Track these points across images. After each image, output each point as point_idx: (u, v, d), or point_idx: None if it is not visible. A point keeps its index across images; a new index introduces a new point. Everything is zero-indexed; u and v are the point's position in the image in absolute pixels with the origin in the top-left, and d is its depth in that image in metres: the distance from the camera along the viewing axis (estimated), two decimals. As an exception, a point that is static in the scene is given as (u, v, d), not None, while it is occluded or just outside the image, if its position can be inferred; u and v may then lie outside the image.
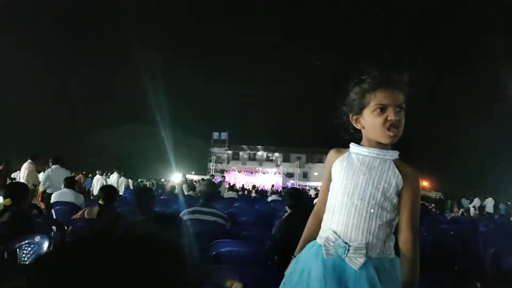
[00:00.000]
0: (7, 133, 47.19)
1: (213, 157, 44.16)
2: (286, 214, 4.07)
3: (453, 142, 55.45)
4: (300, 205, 4.22)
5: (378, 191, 1.66)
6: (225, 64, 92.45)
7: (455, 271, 3.51)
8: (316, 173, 53.63)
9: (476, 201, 19.76)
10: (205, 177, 31.63)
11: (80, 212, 4.13)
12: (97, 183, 14.41)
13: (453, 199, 21.09)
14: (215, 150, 56.00)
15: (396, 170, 1.69)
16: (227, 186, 13.99)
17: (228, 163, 51.72)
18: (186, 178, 16.95)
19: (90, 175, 18.43)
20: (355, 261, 1.62)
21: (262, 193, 17.06)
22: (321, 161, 56.34)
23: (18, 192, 3.42)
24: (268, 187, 38.89)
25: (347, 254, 1.64)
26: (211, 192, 4.09)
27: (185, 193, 12.97)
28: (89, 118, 54.49)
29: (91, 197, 12.49)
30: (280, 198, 12.38)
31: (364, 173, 1.71)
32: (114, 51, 76.92)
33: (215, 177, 14.69)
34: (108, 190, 4.15)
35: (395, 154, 1.73)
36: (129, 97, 65.16)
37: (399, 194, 1.67)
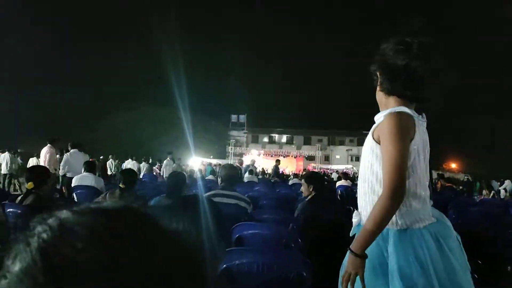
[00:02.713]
0: (23, 118, 48.33)
1: (232, 141, 44.42)
2: (309, 198, 4.08)
3: (483, 124, 54.11)
4: (322, 188, 4.23)
5: None
6: (244, 44, 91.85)
7: (485, 254, 3.48)
8: (338, 156, 53.39)
9: (507, 183, 19.34)
10: (223, 162, 31.69)
11: (102, 195, 4.23)
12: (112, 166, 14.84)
13: (482, 182, 20.69)
14: (234, 133, 56.18)
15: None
16: (247, 165, 13.93)
17: (247, 146, 51.95)
18: (179, 159, 16.80)
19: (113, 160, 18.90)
20: None
21: (283, 177, 17.11)
22: (342, 143, 56.00)
23: (40, 175, 3.52)
24: (288, 170, 39.06)
25: None
26: (232, 175, 4.12)
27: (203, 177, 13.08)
28: (107, 101, 55.20)
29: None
30: (300, 181, 12.37)
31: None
32: (133, 34, 77.33)
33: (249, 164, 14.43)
34: (128, 174, 4.24)
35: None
36: (147, 80, 65.70)
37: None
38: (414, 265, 1.65)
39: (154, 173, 16.60)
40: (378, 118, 1.87)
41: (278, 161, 15.47)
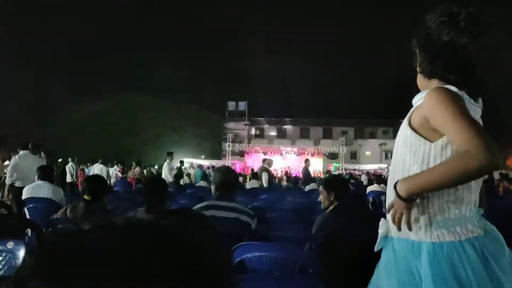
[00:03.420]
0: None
1: (229, 135, 44.44)
2: (330, 209, 4.08)
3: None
4: (347, 196, 4.23)
5: None
6: (243, 8, 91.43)
7: None
8: (368, 153, 53.49)
9: None
10: (219, 163, 31.80)
11: (61, 210, 4.23)
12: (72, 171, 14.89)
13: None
14: (231, 125, 56.45)
15: None
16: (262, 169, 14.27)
17: (249, 142, 52.00)
18: (181, 162, 17.15)
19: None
20: None
21: (297, 181, 17.08)
22: (374, 135, 56.16)
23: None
24: (300, 171, 39.07)
25: None
26: (230, 181, 4.12)
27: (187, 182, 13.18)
28: (64, 86, 55.29)
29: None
30: (318, 186, 12.38)
31: None
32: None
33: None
34: (95, 182, 4.22)
35: None
36: (118, 59, 65.58)
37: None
38: (453, 287, 1.66)
39: (117, 179, 16.66)
40: (418, 100, 1.89)
41: (307, 161, 15.49)
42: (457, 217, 1.78)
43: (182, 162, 17.66)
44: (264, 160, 14.88)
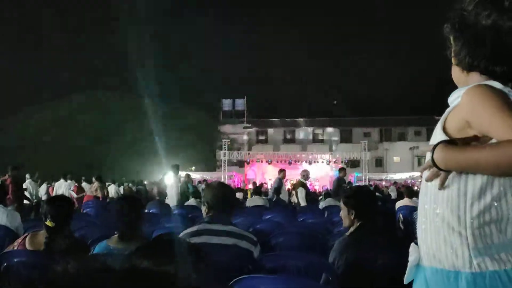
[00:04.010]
0: None
1: (225, 141, 44.34)
2: (351, 231, 4.07)
3: None
4: (372, 213, 4.21)
5: None
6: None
7: None
8: (396, 158, 53.39)
9: None
10: (212, 175, 31.89)
11: (19, 240, 4.23)
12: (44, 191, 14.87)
13: None
14: (227, 129, 56.64)
15: None
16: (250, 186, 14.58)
17: (249, 149, 52.00)
18: (188, 176, 17.43)
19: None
20: None
21: (314, 196, 17.12)
22: (403, 137, 56.09)
23: None
24: (318, 185, 38.86)
25: None
26: (224, 198, 4.12)
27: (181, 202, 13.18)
28: (20, 86, 55.29)
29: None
30: (339, 203, 12.36)
31: None
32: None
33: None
34: (59, 203, 4.20)
35: None
36: (84, 51, 65.64)
37: None
38: None
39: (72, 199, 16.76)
40: (454, 99, 1.89)
41: (343, 170, 15.75)
42: (501, 241, 1.76)
43: (188, 176, 17.90)
44: (280, 172, 15.19)
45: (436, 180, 1.87)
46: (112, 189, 22.79)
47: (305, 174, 14.70)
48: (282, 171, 15.11)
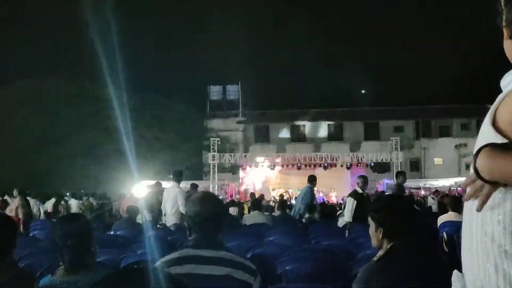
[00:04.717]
0: None
1: (213, 140, 44.17)
2: (379, 254, 4.05)
3: None
4: (408, 233, 4.19)
5: None
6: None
7: None
8: (438, 160, 53.40)
9: None
10: (200, 184, 31.98)
11: None
12: None
13: None
14: (217, 124, 56.68)
15: None
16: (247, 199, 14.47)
17: (246, 150, 52.03)
18: (159, 186, 17.40)
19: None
20: None
21: (325, 211, 17.07)
22: (446, 132, 56.03)
23: None
24: (334, 195, 38.85)
25: None
26: (213, 216, 4.11)
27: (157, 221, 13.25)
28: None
29: None
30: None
31: None
32: None
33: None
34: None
35: None
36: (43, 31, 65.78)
37: None
38: None
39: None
40: (508, 82, 1.86)
41: (402, 175, 15.23)
42: None
43: (159, 185, 17.89)
44: (311, 179, 15.24)
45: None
46: (74, 205, 22.87)
47: (364, 181, 14.22)
48: (312, 178, 15.08)
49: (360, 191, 12.99)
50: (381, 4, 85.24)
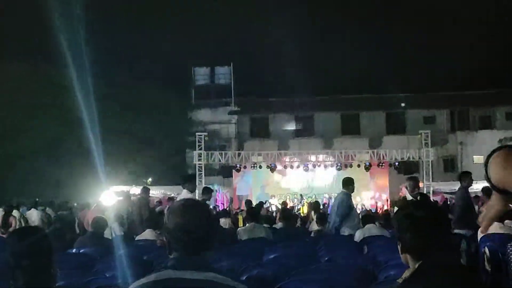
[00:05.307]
0: None
1: (200, 136, 44.10)
2: (405, 276, 4.05)
3: None
4: (441, 248, 4.19)
5: None
6: None
7: None
8: (478, 158, 53.32)
9: None
10: (182, 191, 32.06)
11: None
12: None
13: None
14: (204, 115, 56.54)
15: None
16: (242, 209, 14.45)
17: (240, 147, 52.00)
18: (128, 198, 17.41)
19: None
20: None
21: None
22: (487, 124, 55.90)
23: None
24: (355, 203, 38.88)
25: None
26: (202, 229, 4.11)
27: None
28: None
29: None
30: (387, 231, 12.38)
31: None
32: None
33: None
34: None
35: None
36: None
37: None
38: None
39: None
40: None
41: (467, 176, 15.25)
42: None
43: (145, 190, 17.99)
44: (347, 183, 15.10)
45: None
46: (34, 216, 22.89)
47: (414, 184, 14.19)
48: (348, 181, 15.02)
49: (409, 197, 13.09)
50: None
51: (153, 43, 61.37)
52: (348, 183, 14.94)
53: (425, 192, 38.11)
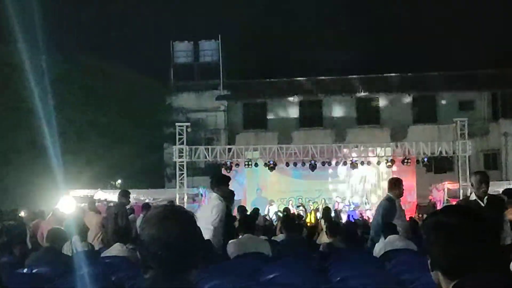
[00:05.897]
0: None
1: (181, 126, 43.95)
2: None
3: None
4: (483, 267, 4.18)
5: None
6: None
7: None
8: None
9: None
10: (159, 195, 32.11)
11: None
12: None
13: None
14: (186, 100, 56.40)
15: None
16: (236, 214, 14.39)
17: (230, 141, 51.99)
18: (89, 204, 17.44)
19: None
20: None
21: (353, 233, 17.16)
22: None
23: None
24: (369, 207, 38.84)
25: None
26: (183, 242, 4.11)
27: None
28: None
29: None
30: (414, 244, 12.38)
31: None
32: None
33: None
34: None
35: None
36: None
37: None
38: None
39: None
40: None
41: (396, 184, 15.27)
42: None
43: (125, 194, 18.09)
44: (394, 184, 14.82)
45: None
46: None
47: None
48: (395, 183, 14.88)
49: (473, 196, 12.90)
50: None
51: (123, 13, 61.33)
52: (394, 184, 14.79)
53: (460, 193, 38.17)
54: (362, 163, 39.52)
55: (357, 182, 38.34)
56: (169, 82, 57.71)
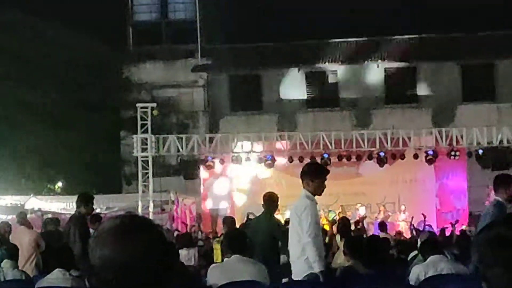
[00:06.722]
0: None
1: (145, 108, 44.04)
2: None
3: None
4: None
5: None
6: None
7: None
8: None
9: None
10: (114, 203, 32.41)
11: None
12: None
13: None
14: (151, 73, 56.36)
15: None
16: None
17: (213, 128, 51.84)
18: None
19: None
20: None
21: (377, 253, 17.27)
22: None
23: None
24: (405, 218, 38.96)
25: None
26: (147, 266, 4.13)
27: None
28: None
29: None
30: (465, 267, 12.45)
31: None
32: None
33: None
34: None
35: None
36: None
37: None
38: None
39: None
40: None
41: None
42: None
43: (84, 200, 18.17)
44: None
45: None
46: None
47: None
48: (506, 180, 14.67)
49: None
50: None
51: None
52: (503, 183, 14.60)
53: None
54: (393, 156, 39.50)
55: (386, 183, 38.41)
56: (127, 47, 57.35)
